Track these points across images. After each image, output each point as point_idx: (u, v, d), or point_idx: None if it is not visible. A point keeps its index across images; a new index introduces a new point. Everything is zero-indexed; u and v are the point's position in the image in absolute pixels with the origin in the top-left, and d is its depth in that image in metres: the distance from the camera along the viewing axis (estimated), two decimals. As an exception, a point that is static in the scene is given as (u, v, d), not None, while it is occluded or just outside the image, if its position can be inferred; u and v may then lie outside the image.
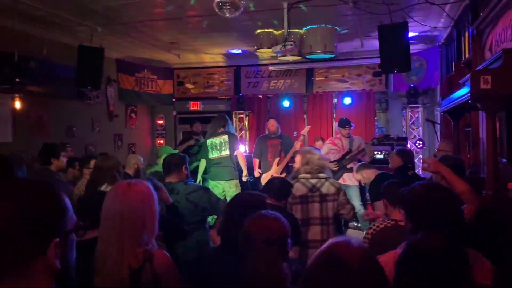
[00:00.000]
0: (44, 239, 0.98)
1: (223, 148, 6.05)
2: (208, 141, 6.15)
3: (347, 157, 6.34)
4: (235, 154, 6.10)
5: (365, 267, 1.11)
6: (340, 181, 6.13)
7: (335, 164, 6.33)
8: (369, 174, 4.67)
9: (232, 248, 1.86)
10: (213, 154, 6.08)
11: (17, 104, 6.27)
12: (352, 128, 6.66)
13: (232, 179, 6.05)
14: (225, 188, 5.94)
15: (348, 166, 6.25)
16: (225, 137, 6.06)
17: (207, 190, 3.57)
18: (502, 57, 2.61)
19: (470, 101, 2.73)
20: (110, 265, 1.68)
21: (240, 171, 6.31)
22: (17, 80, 5.47)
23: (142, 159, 5.53)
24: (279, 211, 1.93)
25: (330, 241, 1.19)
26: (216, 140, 6.10)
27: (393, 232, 2.79)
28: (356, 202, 6.22)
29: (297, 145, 6.12)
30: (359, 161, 6.36)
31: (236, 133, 6.15)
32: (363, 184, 5.62)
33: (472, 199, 2.40)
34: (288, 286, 1.61)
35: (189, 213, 3.28)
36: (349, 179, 6.27)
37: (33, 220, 0.96)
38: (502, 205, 2.58)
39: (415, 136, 8.55)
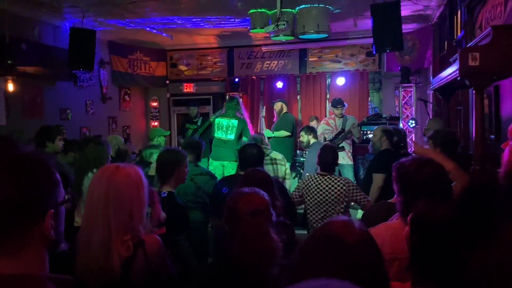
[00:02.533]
0: (39, 210, 1.00)
1: (229, 132, 5.95)
2: (216, 120, 6.07)
3: (340, 136, 6.41)
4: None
5: (360, 243, 1.12)
6: None
7: None
8: None
9: None
10: (218, 135, 6.00)
11: (10, 87, 6.23)
12: (345, 108, 6.73)
13: (236, 161, 6.03)
14: (228, 170, 5.86)
15: (340, 145, 6.31)
16: (234, 122, 5.94)
17: (214, 177, 3.69)
18: (491, 34, 2.65)
19: (458, 78, 2.78)
20: (94, 251, 1.60)
21: None
22: (9, 62, 5.44)
23: (123, 139, 5.52)
24: None
25: (329, 219, 1.23)
26: (224, 121, 5.99)
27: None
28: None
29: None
30: (353, 140, 6.42)
31: (246, 119, 6.10)
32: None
33: (459, 176, 2.47)
34: (279, 255, 1.67)
35: (190, 193, 3.42)
36: (343, 158, 6.34)
37: (29, 191, 0.98)
38: (490, 179, 2.65)
39: (407, 116, 8.62)
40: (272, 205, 1.84)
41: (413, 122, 8.21)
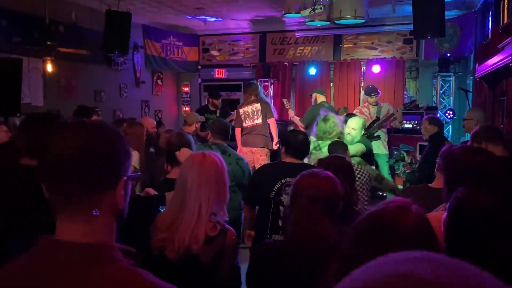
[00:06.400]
0: (115, 176, 1.00)
1: (256, 117, 6.01)
2: (241, 111, 6.13)
3: (375, 125, 6.21)
4: (268, 122, 6.05)
5: (419, 235, 1.05)
6: None
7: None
8: None
9: None
10: (247, 123, 6.05)
11: (48, 68, 6.37)
12: (379, 95, 6.55)
13: (264, 147, 6.02)
14: (256, 156, 5.92)
15: (376, 134, 6.13)
16: (257, 105, 6.01)
17: (247, 162, 3.83)
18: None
19: (511, 64, 2.62)
20: (183, 226, 1.83)
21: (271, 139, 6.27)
22: (49, 43, 5.55)
23: (155, 122, 5.51)
24: None
25: (387, 202, 1.14)
26: (248, 109, 6.06)
27: None
28: (385, 171, 6.18)
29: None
30: (388, 128, 6.24)
31: (268, 100, 6.08)
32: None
33: None
34: (331, 243, 1.60)
35: (236, 176, 3.50)
36: (378, 148, 6.17)
37: (105, 154, 0.98)
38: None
39: (445, 106, 8.32)
40: (349, 197, 1.82)
41: (451, 112, 7.93)
